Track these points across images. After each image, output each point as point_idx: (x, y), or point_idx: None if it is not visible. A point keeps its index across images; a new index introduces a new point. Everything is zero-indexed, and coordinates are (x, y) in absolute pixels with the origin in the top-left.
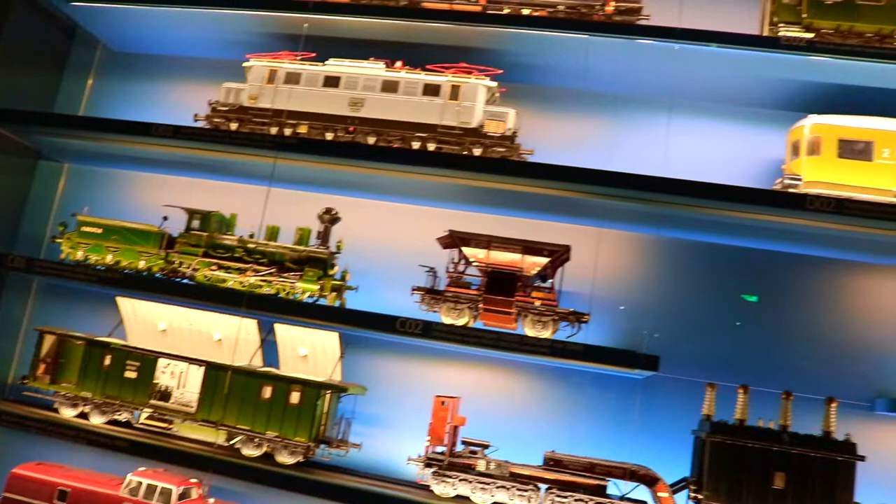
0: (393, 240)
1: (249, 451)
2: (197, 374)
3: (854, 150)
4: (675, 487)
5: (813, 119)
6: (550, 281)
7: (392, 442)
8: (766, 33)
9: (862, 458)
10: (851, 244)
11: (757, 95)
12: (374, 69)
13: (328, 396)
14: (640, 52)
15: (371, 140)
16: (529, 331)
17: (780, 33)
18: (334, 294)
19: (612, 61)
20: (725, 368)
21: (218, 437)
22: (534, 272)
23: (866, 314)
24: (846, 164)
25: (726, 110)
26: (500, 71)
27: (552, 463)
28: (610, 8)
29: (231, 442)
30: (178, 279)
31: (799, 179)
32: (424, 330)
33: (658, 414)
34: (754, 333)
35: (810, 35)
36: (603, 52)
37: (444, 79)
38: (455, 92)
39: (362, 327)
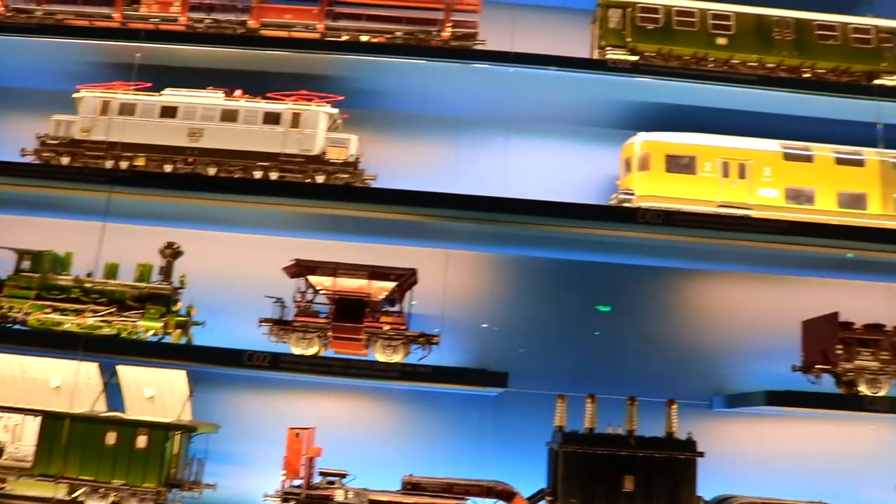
0: (239, 271)
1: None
2: (33, 425)
3: (680, 164)
4: (533, 500)
5: (642, 136)
6: (399, 305)
7: (248, 479)
8: (595, 56)
9: (701, 455)
10: (684, 253)
11: (591, 115)
12: (213, 98)
13: (178, 437)
14: (477, 75)
15: (212, 171)
16: (380, 356)
17: (608, 56)
18: (179, 331)
19: (451, 85)
20: (575, 379)
21: (58, 492)
22: (382, 297)
23: (702, 318)
24: (673, 178)
25: (564, 130)
26: (342, 97)
27: (411, 487)
28: (446, 33)
29: (74, 495)
30: (8, 325)
31: (632, 194)
32: (272, 362)
33: (513, 429)
34: (601, 343)
35: (635, 58)
36: (441, 77)
37: (285, 106)
38: (296, 119)
39: (210, 363)
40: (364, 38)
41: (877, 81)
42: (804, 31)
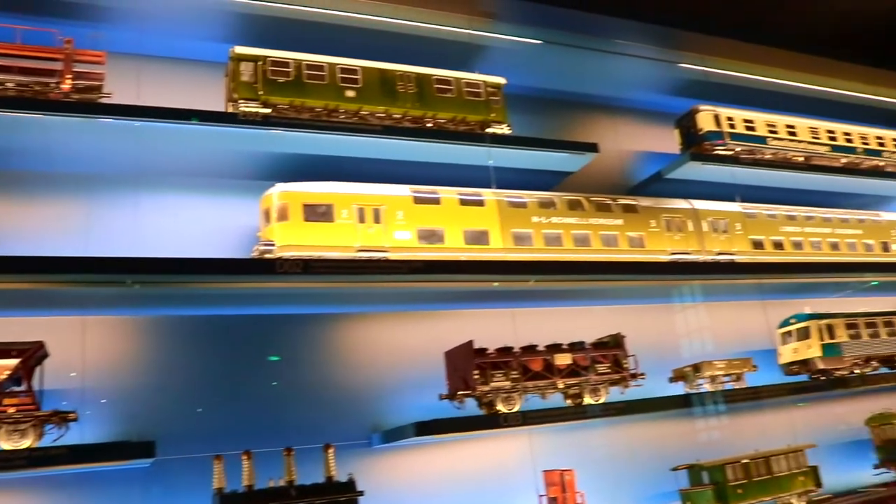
0: None
1: None
2: None
3: (317, 213)
4: None
5: (280, 187)
6: (27, 383)
7: None
8: (229, 109)
9: (361, 493)
10: (330, 298)
11: (228, 167)
12: None
13: None
14: (104, 130)
15: None
16: (5, 444)
17: (241, 109)
18: None
19: (77, 141)
20: (232, 437)
21: None
22: (4, 377)
23: (355, 359)
24: (312, 227)
25: (201, 183)
26: None
27: None
28: (66, 86)
29: None
30: None
31: (273, 245)
32: None
33: (172, 499)
34: (256, 397)
35: (267, 110)
36: (65, 132)
37: None
38: None
39: None
40: None
41: (488, 130)
42: (424, 84)
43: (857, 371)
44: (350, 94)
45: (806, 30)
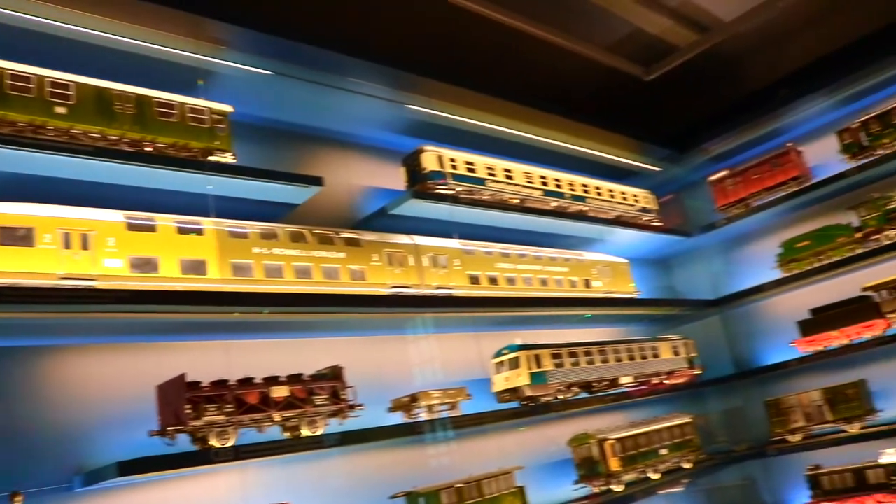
0: None
1: None
2: None
3: (16, 236)
4: None
5: None
6: None
7: None
8: None
9: None
10: (28, 329)
11: None
12: None
13: None
14: None
15: None
16: None
17: None
18: None
19: None
20: None
21: None
22: None
23: (57, 396)
24: (9, 252)
25: None
26: None
27: None
28: None
29: None
30: None
31: None
32: None
33: None
34: None
35: None
36: None
37: None
38: None
39: None
40: None
41: (211, 157)
42: (145, 106)
43: (560, 397)
44: (61, 110)
45: (525, 84)
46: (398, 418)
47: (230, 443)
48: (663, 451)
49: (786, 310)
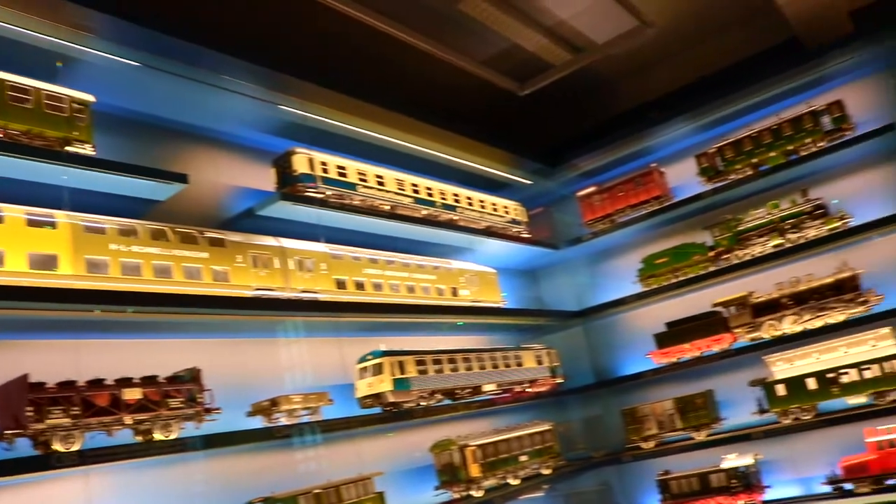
0: None
1: None
2: None
3: None
4: None
5: None
6: None
7: None
8: None
9: None
10: None
11: None
12: None
13: None
14: None
15: None
16: None
17: None
18: None
19: None
20: None
21: None
22: None
23: None
24: None
25: None
26: None
27: None
28: None
29: None
30: None
31: None
32: None
33: None
34: None
35: None
36: None
37: None
38: None
39: None
40: None
41: (69, 148)
42: None
43: (423, 403)
44: None
45: (401, 93)
46: (258, 422)
47: (75, 447)
48: (523, 458)
49: (644, 322)
